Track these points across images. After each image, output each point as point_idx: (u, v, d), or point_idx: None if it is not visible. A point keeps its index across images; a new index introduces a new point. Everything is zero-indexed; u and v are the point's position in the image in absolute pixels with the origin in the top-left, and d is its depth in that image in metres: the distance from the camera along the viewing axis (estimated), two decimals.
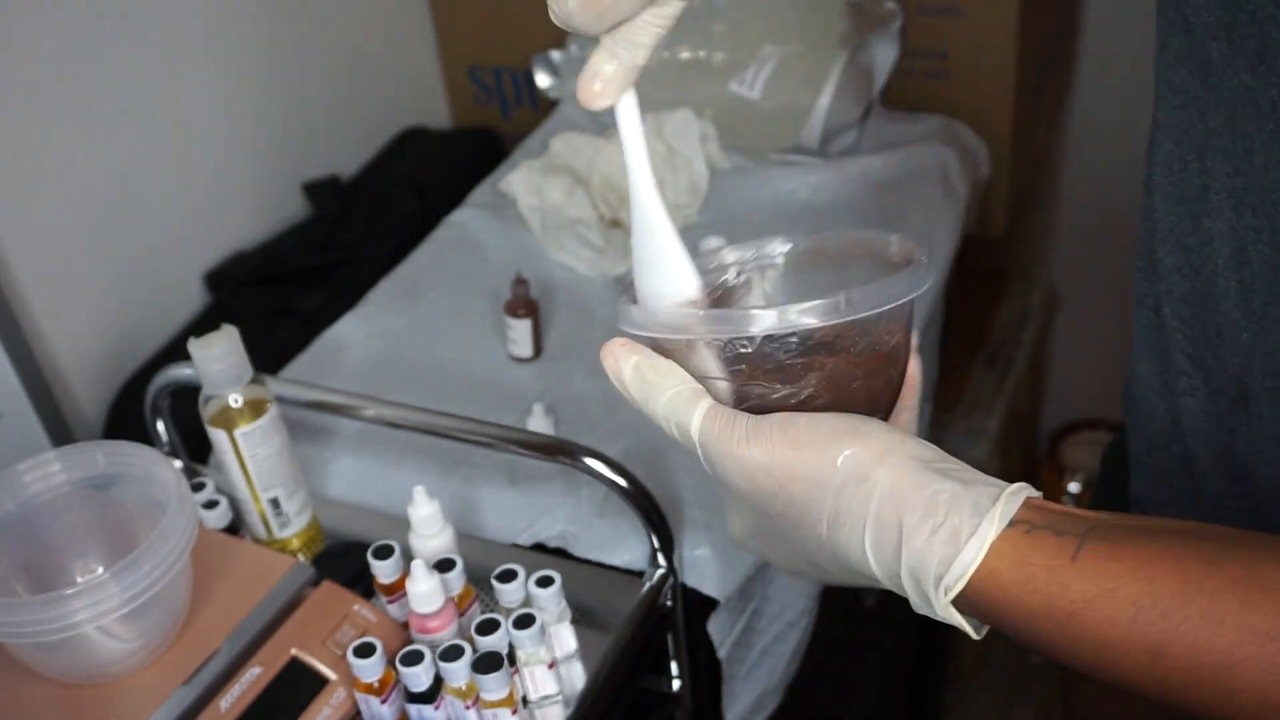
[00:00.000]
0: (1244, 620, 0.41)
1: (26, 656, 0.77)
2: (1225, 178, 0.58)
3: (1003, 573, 0.44)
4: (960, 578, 0.44)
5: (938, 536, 0.44)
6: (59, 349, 1.18)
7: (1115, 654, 0.43)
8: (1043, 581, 0.43)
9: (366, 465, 1.07)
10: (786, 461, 0.46)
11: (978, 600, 0.45)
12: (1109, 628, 0.43)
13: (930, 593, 0.45)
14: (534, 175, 1.37)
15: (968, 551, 0.44)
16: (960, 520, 0.44)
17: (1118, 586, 0.43)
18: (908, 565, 0.45)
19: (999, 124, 1.50)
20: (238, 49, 1.38)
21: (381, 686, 0.77)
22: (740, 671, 1.05)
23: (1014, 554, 0.44)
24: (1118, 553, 0.43)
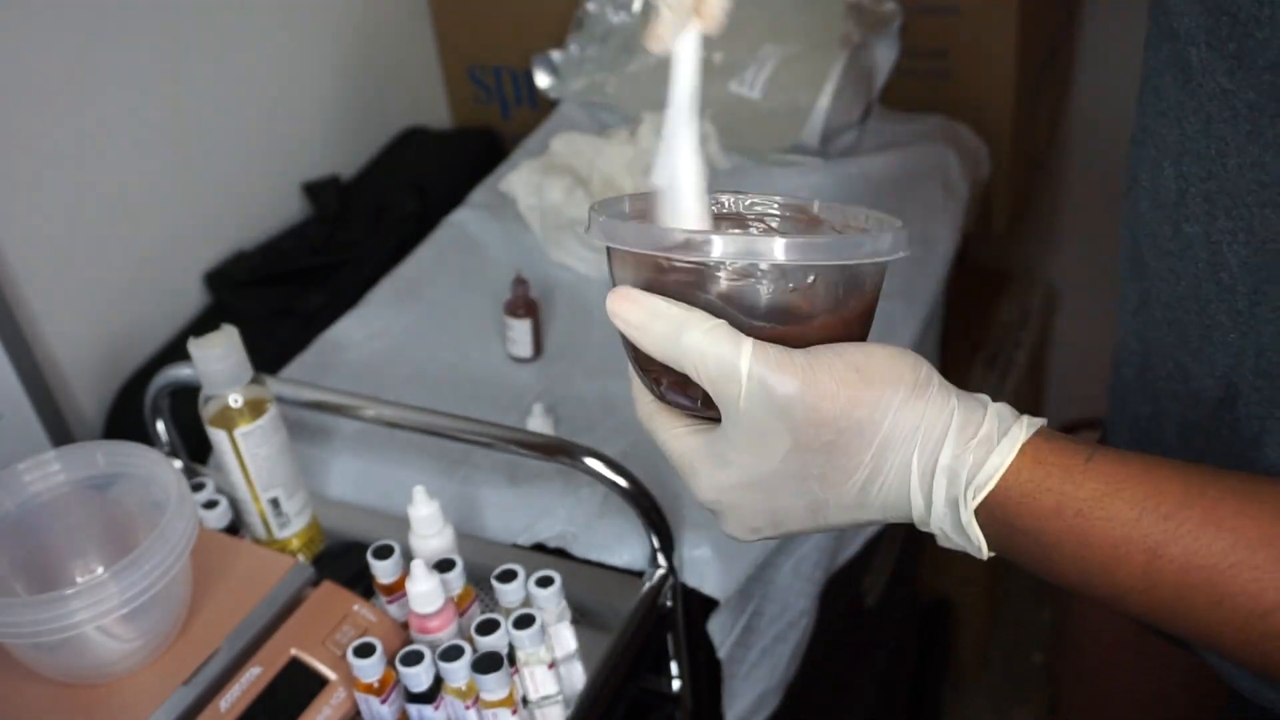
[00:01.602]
0: (1240, 525, 0.44)
1: (26, 656, 0.77)
2: (1199, 182, 0.59)
3: (1023, 471, 0.46)
4: (992, 476, 0.46)
5: (975, 440, 0.47)
6: (59, 349, 1.18)
7: (1116, 554, 0.45)
8: (1057, 480, 0.46)
9: (366, 465, 1.07)
10: (853, 385, 0.47)
11: (997, 506, 0.47)
12: (1114, 526, 0.45)
13: (960, 495, 0.47)
14: (534, 175, 1.37)
15: (1000, 451, 0.47)
16: (993, 429, 0.47)
17: (1125, 488, 0.45)
18: (947, 468, 0.47)
19: (999, 124, 1.50)
20: (238, 49, 1.38)
21: (381, 686, 0.77)
22: (740, 671, 1.05)
23: (1034, 455, 0.47)
24: (1125, 459, 0.46)
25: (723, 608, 0.98)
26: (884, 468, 0.48)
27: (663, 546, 0.91)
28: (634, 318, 0.50)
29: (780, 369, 0.47)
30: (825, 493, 0.49)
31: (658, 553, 0.91)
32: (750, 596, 1.03)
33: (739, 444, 0.49)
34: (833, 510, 0.50)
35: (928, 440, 0.47)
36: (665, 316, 0.49)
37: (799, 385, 0.47)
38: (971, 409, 0.48)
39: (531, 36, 1.59)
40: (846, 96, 1.41)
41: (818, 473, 0.49)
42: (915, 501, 0.48)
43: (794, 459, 0.48)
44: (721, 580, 0.96)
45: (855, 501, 0.49)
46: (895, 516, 0.50)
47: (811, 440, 0.48)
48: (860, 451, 0.48)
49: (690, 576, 0.95)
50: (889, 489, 0.48)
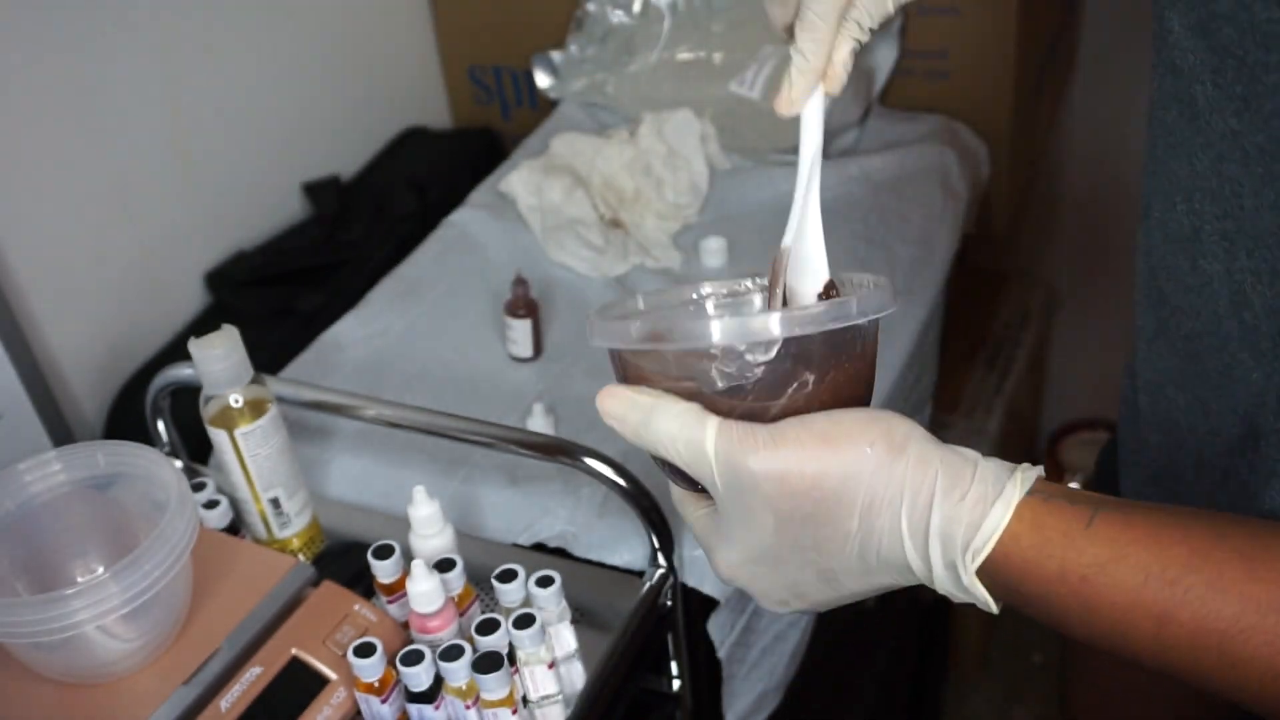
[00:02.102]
0: (1249, 591, 0.43)
1: (26, 656, 0.77)
2: (1215, 220, 0.58)
3: (1023, 537, 0.45)
4: (988, 540, 0.45)
5: (966, 502, 0.46)
6: (59, 349, 1.18)
7: (1124, 620, 0.44)
8: (1059, 546, 0.45)
9: (366, 465, 1.07)
10: (818, 456, 0.46)
11: (998, 569, 0.46)
12: (1119, 593, 0.44)
13: (958, 559, 0.46)
14: (534, 175, 1.37)
15: (994, 514, 0.45)
16: (985, 488, 0.46)
17: (1129, 553, 0.44)
18: (939, 533, 0.46)
19: (999, 124, 1.50)
20: (238, 49, 1.38)
21: (382, 686, 0.77)
22: (740, 671, 1.05)
23: (1033, 519, 0.45)
24: (1129, 521, 0.45)
25: (723, 607, 0.98)
26: (874, 533, 0.47)
27: (663, 546, 0.91)
28: (614, 410, 0.51)
29: (743, 445, 0.47)
30: (829, 561, 0.49)
31: (658, 552, 0.91)
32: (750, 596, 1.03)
33: (732, 521, 0.50)
34: (844, 578, 0.49)
35: (914, 503, 0.46)
36: (638, 406, 0.50)
37: (762, 461, 0.47)
38: (958, 467, 0.47)
39: (531, 36, 1.59)
40: (846, 96, 1.41)
41: (811, 543, 0.48)
42: (914, 563, 0.47)
43: (784, 532, 0.48)
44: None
45: (859, 567, 0.48)
46: (905, 579, 0.49)
47: (792, 512, 0.47)
48: (845, 520, 0.47)
49: (690, 576, 0.95)
50: (887, 553, 0.47)
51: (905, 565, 0.47)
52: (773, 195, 1.40)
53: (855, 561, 0.48)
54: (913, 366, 1.25)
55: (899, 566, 0.48)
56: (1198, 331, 0.64)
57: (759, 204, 1.39)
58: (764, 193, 1.40)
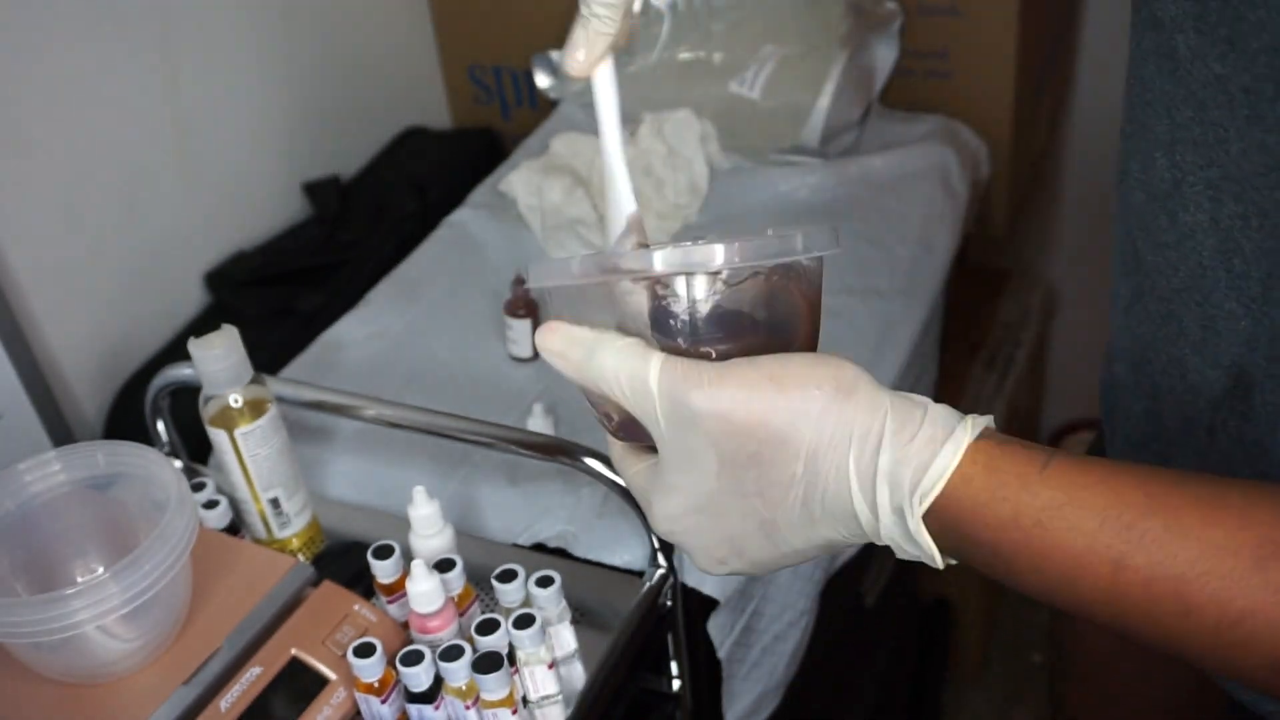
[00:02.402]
0: (1206, 535, 0.42)
1: (26, 656, 0.77)
2: (1198, 170, 0.58)
3: (975, 479, 0.44)
4: (937, 481, 0.44)
5: (915, 443, 0.45)
6: (59, 349, 1.18)
7: (1079, 566, 0.44)
8: (1013, 489, 0.44)
9: (366, 465, 1.07)
10: (766, 394, 0.46)
11: (948, 514, 0.45)
12: (1074, 536, 0.43)
13: (905, 503, 0.45)
14: (534, 175, 1.37)
15: (944, 454, 0.45)
16: (935, 429, 0.45)
17: (1085, 497, 0.44)
18: (887, 474, 0.45)
19: (999, 124, 1.50)
20: (238, 49, 1.38)
21: (381, 686, 0.77)
22: (740, 671, 1.05)
23: (987, 461, 0.45)
24: (1085, 467, 0.45)
25: (723, 608, 0.98)
26: (820, 478, 0.46)
27: (663, 546, 0.91)
28: (554, 345, 0.51)
29: (687, 381, 0.46)
30: (771, 511, 0.48)
31: (658, 552, 0.91)
32: (750, 596, 1.03)
33: (673, 466, 0.49)
34: (785, 530, 0.48)
35: (863, 445, 0.45)
36: (579, 341, 0.50)
37: (706, 396, 0.46)
38: (907, 410, 0.46)
39: (531, 36, 1.59)
40: (846, 96, 1.41)
41: (754, 489, 0.47)
42: (860, 511, 0.46)
43: (726, 475, 0.47)
44: (721, 580, 0.96)
45: (803, 517, 0.47)
46: (847, 531, 0.48)
47: (736, 453, 0.46)
48: (789, 462, 0.46)
49: (690, 576, 0.95)
50: (832, 500, 0.46)
51: (851, 514, 0.47)
52: (773, 195, 1.40)
53: (799, 510, 0.47)
54: (913, 366, 1.25)
55: (844, 516, 0.47)
56: (1175, 289, 0.63)
57: (759, 204, 1.39)
58: (764, 193, 1.40)
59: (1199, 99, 0.56)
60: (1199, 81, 0.56)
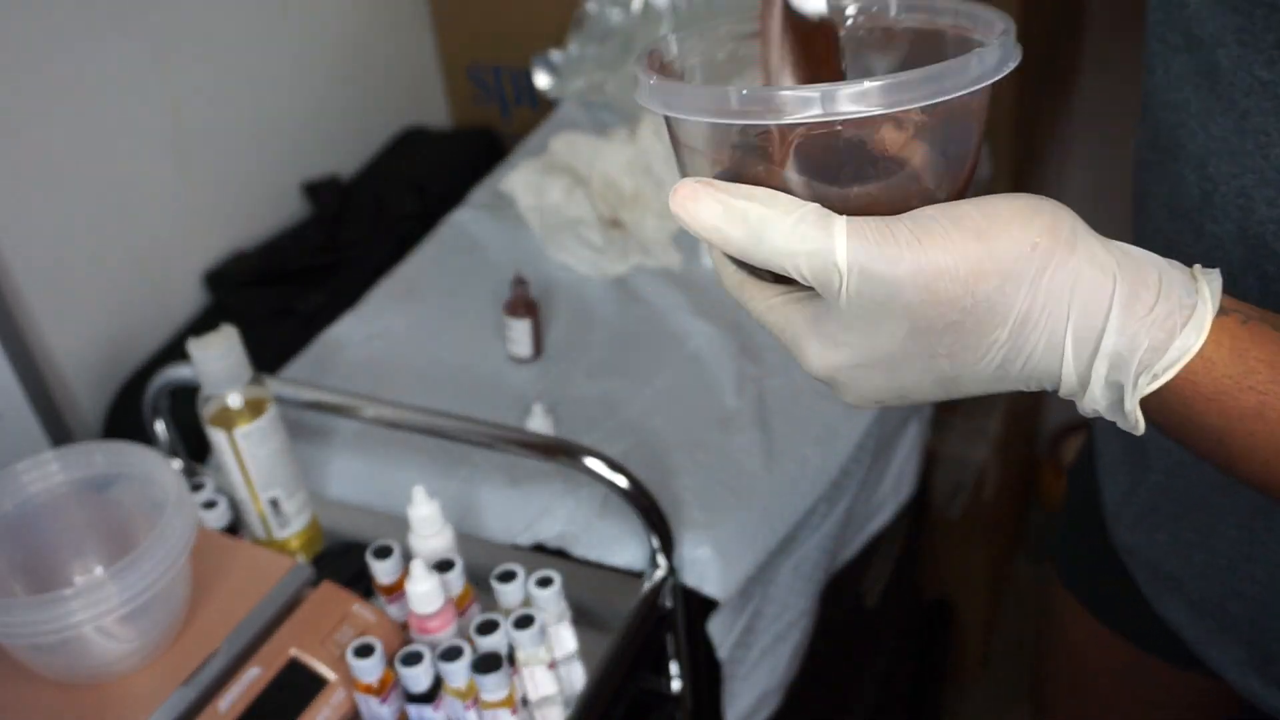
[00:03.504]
0: None
1: (25, 657, 0.77)
2: (1230, 179, 0.58)
3: (1219, 364, 0.40)
4: (1173, 365, 0.40)
5: (1152, 316, 0.40)
6: (59, 349, 1.17)
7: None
8: (1264, 378, 0.40)
9: (366, 465, 1.07)
10: (973, 255, 0.40)
11: (1176, 396, 0.41)
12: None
13: (1128, 382, 0.40)
14: (534, 175, 1.37)
15: (1185, 336, 0.40)
16: (1172, 302, 0.40)
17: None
18: (1111, 352, 0.40)
19: (999, 124, 1.50)
20: (237, 49, 1.38)
21: (381, 687, 0.77)
22: (740, 672, 1.05)
23: (1232, 344, 0.40)
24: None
25: (723, 608, 0.98)
26: (1026, 346, 0.41)
27: (663, 546, 0.90)
28: (707, 219, 0.42)
29: (882, 249, 0.40)
30: (957, 369, 0.42)
31: (657, 553, 0.91)
32: (750, 596, 1.03)
33: (850, 327, 0.42)
34: (967, 383, 0.43)
35: (1084, 315, 0.40)
36: (743, 216, 0.41)
37: (908, 266, 0.40)
38: (1137, 273, 0.40)
39: (531, 36, 1.59)
40: None
41: (945, 351, 0.42)
42: (1067, 379, 0.41)
43: (916, 340, 0.41)
44: (721, 580, 0.96)
45: (993, 376, 0.42)
46: (1038, 387, 0.43)
47: (933, 322, 0.41)
48: (994, 329, 0.40)
49: (690, 576, 0.95)
50: (1036, 365, 0.41)
51: (1054, 377, 0.42)
52: None
53: (991, 371, 0.42)
54: None
55: (1044, 378, 0.42)
56: None
57: None
58: None
59: (1241, 108, 0.55)
60: (1241, 90, 0.55)
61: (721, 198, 0.42)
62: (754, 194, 0.42)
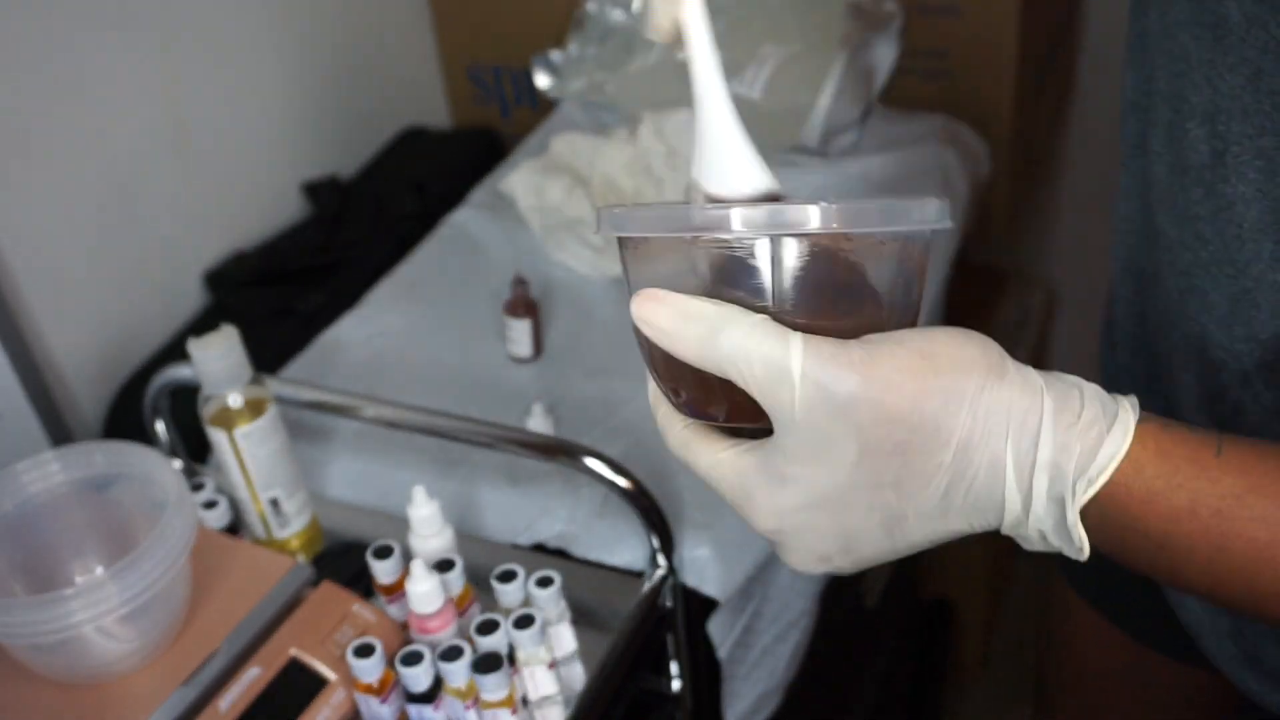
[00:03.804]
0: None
1: (25, 657, 0.77)
2: (1247, 139, 0.56)
3: (1147, 466, 0.41)
4: (1105, 467, 0.41)
5: (1079, 426, 0.41)
6: (59, 349, 1.17)
7: (1260, 558, 0.41)
8: (1189, 475, 0.41)
9: (366, 465, 1.07)
10: (920, 374, 0.41)
11: (1112, 504, 0.42)
12: (1258, 527, 0.40)
13: (1067, 492, 0.42)
14: (534, 175, 1.37)
15: (1113, 438, 0.41)
16: (1096, 411, 0.42)
17: (1267, 483, 0.40)
18: (1048, 463, 0.41)
19: (999, 124, 1.50)
20: (237, 48, 1.38)
21: (381, 687, 0.77)
22: (740, 672, 1.05)
23: (1157, 446, 0.41)
24: (1261, 451, 0.42)
25: (723, 608, 0.98)
26: (969, 468, 0.42)
27: (663, 546, 0.90)
28: (664, 322, 0.44)
29: (837, 364, 0.41)
30: (903, 503, 0.43)
31: (658, 553, 0.91)
32: (750, 596, 1.03)
33: (798, 456, 0.43)
34: (912, 523, 0.44)
35: (1021, 431, 0.41)
36: (699, 317, 0.43)
37: (860, 381, 0.41)
38: (1064, 390, 0.42)
39: (531, 36, 1.59)
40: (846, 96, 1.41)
41: (892, 479, 0.43)
42: (1010, 502, 0.42)
43: (864, 466, 0.43)
44: (722, 580, 0.96)
45: (938, 509, 0.44)
46: (982, 523, 0.44)
47: (882, 442, 0.42)
48: (938, 451, 0.42)
49: (690, 576, 0.95)
50: (979, 490, 0.43)
51: (997, 504, 0.43)
52: None
53: (936, 501, 0.43)
54: None
55: (988, 506, 0.43)
56: (1203, 262, 0.61)
57: None
58: None
59: (1255, 65, 0.54)
60: (1255, 47, 0.53)
61: (682, 301, 0.44)
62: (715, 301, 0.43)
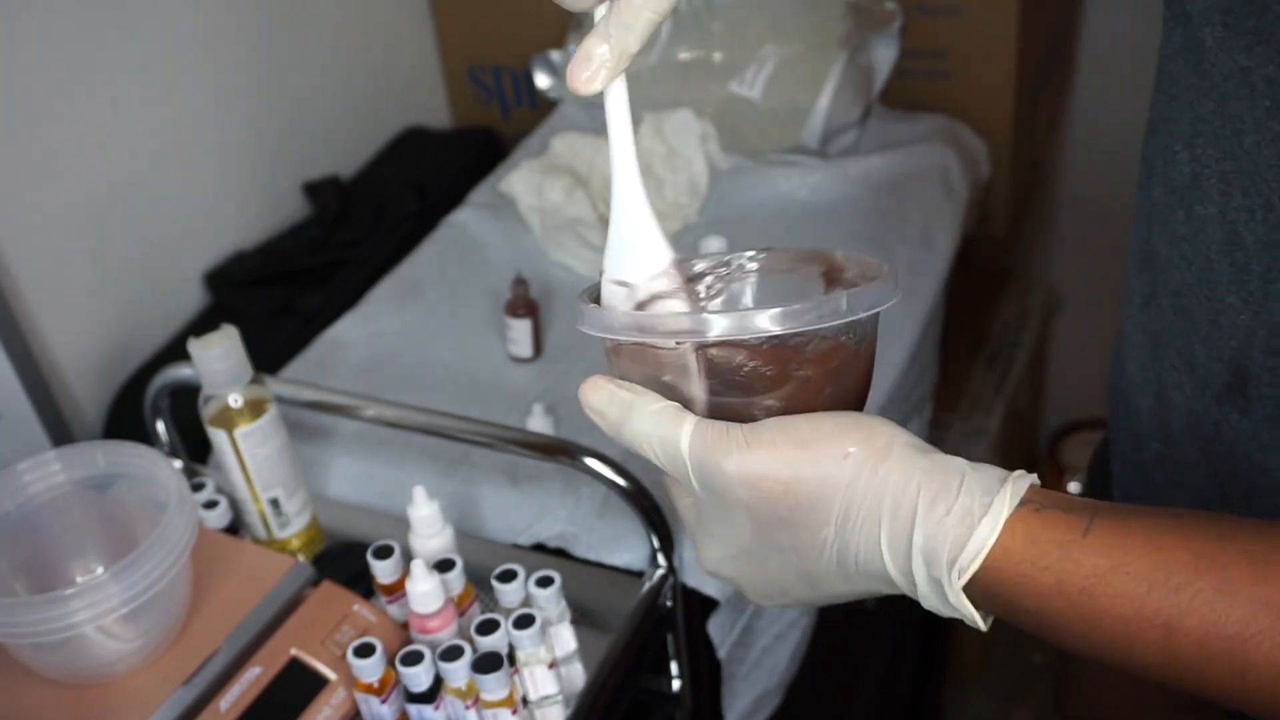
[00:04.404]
0: (1258, 593, 0.41)
1: (26, 657, 0.77)
2: (1214, 163, 0.58)
3: (1015, 551, 0.44)
4: (975, 557, 0.44)
5: (951, 517, 0.44)
6: (59, 349, 1.18)
7: (1128, 632, 0.43)
8: (1055, 558, 0.43)
9: (366, 465, 1.07)
10: (793, 461, 0.45)
11: (989, 584, 0.44)
12: (1122, 603, 0.42)
13: (944, 577, 0.44)
14: (534, 175, 1.37)
15: (982, 529, 0.44)
16: (972, 501, 0.44)
17: (1129, 561, 0.43)
18: (922, 550, 0.44)
19: (999, 124, 1.50)
20: (237, 48, 1.38)
21: (381, 686, 0.77)
22: (740, 671, 1.05)
23: (1026, 532, 0.44)
24: (1128, 529, 0.43)
25: (723, 608, 0.98)
26: (851, 544, 0.45)
27: (663, 546, 0.90)
28: (596, 404, 0.50)
29: (716, 448, 0.46)
30: (807, 565, 0.47)
31: (658, 553, 0.91)
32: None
33: (711, 522, 0.49)
34: (825, 581, 0.48)
35: (895, 517, 0.44)
36: (617, 402, 0.49)
37: (735, 465, 0.46)
38: (942, 479, 0.45)
39: (531, 36, 1.59)
40: (846, 96, 1.41)
41: (790, 545, 0.47)
42: (895, 578, 0.45)
43: (761, 534, 0.47)
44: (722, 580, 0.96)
45: (840, 574, 0.47)
46: (890, 588, 0.47)
47: (767, 516, 0.46)
48: (820, 527, 0.46)
49: (690, 576, 0.95)
50: (866, 564, 0.46)
51: (886, 577, 0.46)
52: (773, 195, 1.39)
53: (834, 569, 0.47)
54: (913, 366, 1.25)
55: (880, 578, 0.46)
56: (1189, 283, 0.63)
57: (759, 204, 1.39)
58: (764, 193, 1.40)
59: (1222, 91, 0.56)
60: (1222, 74, 0.56)
61: (609, 387, 0.50)
62: (634, 388, 0.49)
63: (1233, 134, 0.56)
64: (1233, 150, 0.57)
